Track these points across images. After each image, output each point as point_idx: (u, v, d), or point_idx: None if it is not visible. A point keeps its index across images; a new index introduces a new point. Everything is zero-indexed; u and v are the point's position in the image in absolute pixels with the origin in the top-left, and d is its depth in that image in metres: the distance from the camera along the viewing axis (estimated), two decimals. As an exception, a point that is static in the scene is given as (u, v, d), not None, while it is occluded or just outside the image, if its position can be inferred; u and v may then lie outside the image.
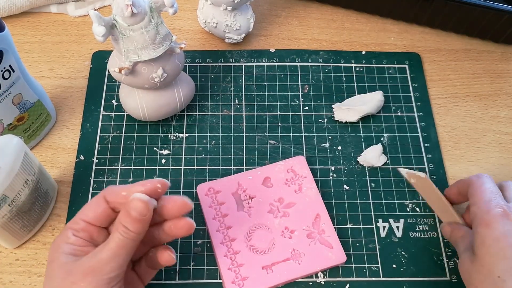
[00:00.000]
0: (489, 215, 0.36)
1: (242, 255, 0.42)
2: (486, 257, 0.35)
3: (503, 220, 0.35)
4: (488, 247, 0.35)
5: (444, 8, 0.54)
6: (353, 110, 0.50)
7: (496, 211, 0.36)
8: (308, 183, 0.46)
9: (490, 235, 0.35)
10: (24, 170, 0.38)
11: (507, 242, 0.34)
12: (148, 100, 0.46)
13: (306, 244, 0.43)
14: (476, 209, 0.38)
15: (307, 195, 0.45)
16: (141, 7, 0.38)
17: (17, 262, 0.42)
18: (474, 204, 0.38)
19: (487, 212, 0.36)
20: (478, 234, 0.36)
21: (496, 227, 0.35)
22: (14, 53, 0.40)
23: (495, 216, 0.36)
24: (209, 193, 0.45)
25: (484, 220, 0.36)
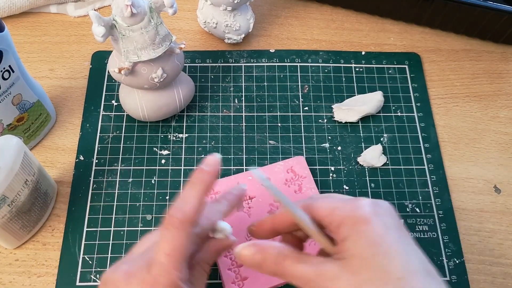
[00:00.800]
0: (362, 211, 0.30)
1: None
2: (379, 257, 0.28)
3: (378, 214, 0.30)
4: (377, 245, 0.29)
5: (444, 8, 0.54)
6: (353, 110, 0.50)
7: (367, 207, 0.30)
8: (308, 183, 0.46)
9: (375, 232, 0.29)
10: (23, 170, 0.38)
11: (393, 236, 0.29)
12: (148, 100, 0.46)
13: (306, 244, 0.43)
14: (341, 212, 0.31)
15: (307, 196, 0.45)
16: (140, 7, 0.38)
17: (17, 262, 0.42)
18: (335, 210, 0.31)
19: (359, 209, 0.30)
20: (358, 234, 0.29)
21: (376, 221, 0.30)
22: (13, 54, 0.40)
23: (370, 212, 0.30)
24: (208, 193, 0.45)
25: (361, 217, 0.30)
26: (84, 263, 0.42)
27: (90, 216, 0.44)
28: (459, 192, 0.47)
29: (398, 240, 0.30)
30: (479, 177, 0.48)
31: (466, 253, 0.44)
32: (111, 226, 0.44)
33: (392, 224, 0.30)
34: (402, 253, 0.29)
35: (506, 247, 0.45)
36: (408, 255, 0.29)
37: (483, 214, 0.46)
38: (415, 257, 0.29)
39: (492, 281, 0.43)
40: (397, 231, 0.30)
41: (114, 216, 0.44)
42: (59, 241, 0.43)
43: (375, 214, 0.30)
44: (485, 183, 0.48)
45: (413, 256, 0.29)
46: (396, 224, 0.31)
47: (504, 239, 0.45)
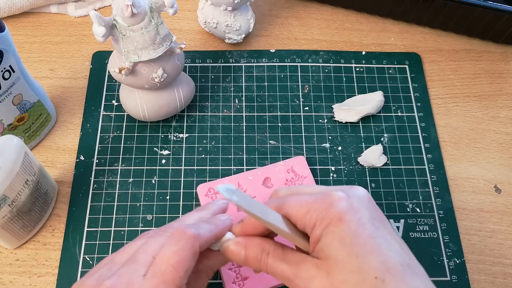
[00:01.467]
0: (335, 210, 0.29)
1: None
2: (352, 258, 0.27)
3: (350, 211, 0.29)
4: (350, 245, 0.28)
5: (444, 8, 0.54)
6: (353, 110, 0.50)
7: (340, 203, 0.29)
8: (309, 183, 0.46)
9: (347, 231, 0.28)
10: (24, 170, 0.38)
11: (366, 234, 0.28)
12: (148, 100, 0.46)
13: None
14: (313, 214, 0.30)
15: None
16: (141, 7, 0.38)
17: (17, 262, 0.42)
18: (307, 212, 0.30)
19: (330, 208, 0.29)
20: (331, 235, 0.29)
21: (349, 219, 0.28)
22: (14, 54, 0.40)
23: (343, 208, 0.29)
24: (209, 193, 0.45)
25: (334, 216, 0.29)
26: (84, 263, 0.42)
27: (90, 216, 0.44)
28: (459, 192, 0.47)
29: (373, 236, 0.28)
30: (480, 177, 0.48)
31: (466, 253, 0.44)
32: (112, 226, 0.44)
33: (367, 218, 0.29)
34: (378, 250, 0.28)
35: (507, 247, 0.45)
36: (384, 252, 0.28)
37: (484, 214, 0.46)
38: (393, 253, 0.28)
39: (493, 281, 0.43)
40: (372, 225, 0.29)
41: (114, 216, 0.44)
42: (59, 241, 0.43)
43: (348, 210, 0.29)
44: (485, 183, 0.48)
45: (390, 251, 0.28)
46: (371, 216, 0.29)
47: (505, 239, 0.45)
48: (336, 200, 0.29)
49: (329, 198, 0.30)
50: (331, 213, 0.29)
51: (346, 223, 0.29)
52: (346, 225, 0.28)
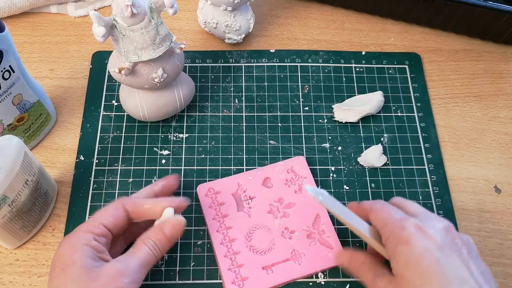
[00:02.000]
0: (405, 232, 0.33)
1: (242, 255, 0.42)
2: (415, 277, 0.32)
3: (420, 235, 0.33)
4: (414, 265, 0.32)
5: (444, 8, 0.54)
6: (353, 111, 0.50)
7: (410, 228, 0.34)
8: (308, 183, 0.46)
9: (413, 253, 0.33)
10: (24, 170, 0.38)
11: (432, 258, 0.32)
12: (148, 100, 0.46)
13: (306, 244, 0.43)
14: (389, 229, 0.35)
15: (307, 196, 0.45)
16: (141, 7, 0.38)
17: (17, 262, 0.42)
18: (385, 225, 0.35)
19: (403, 229, 0.34)
20: (399, 254, 0.33)
21: (416, 243, 0.33)
22: (14, 54, 0.40)
23: (412, 232, 0.33)
24: (209, 193, 0.45)
25: (402, 238, 0.33)
26: (84, 263, 0.42)
27: (90, 216, 0.44)
28: (459, 192, 0.47)
29: (437, 261, 0.32)
30: (480, 177, 0.48)
31: (466, 253, 0.44)
32: (112, 226, 0.44)
33: (436, 245, 0.33)
34: (441, 274, 0.31)
35: (506, 247, 0.45)
36: (447, 276, 0.31)
37: (484, 214, 0.46)
38: (454, 279, 0.31)
39: (493, 281, 0.43)
40: (441, 252, 0.32)
41: (114, 216, 0.44)
42: (59, 241, 0.43)
43: (417, 235, 0.33)
44: (485, 183, 0.48)
45: (451, 277, 0.31)
46: (438, 245, 0.33)
47: (504, 239, 0.45)
48: (408, 225, 0.34)
49: (405, 222, 0.34)
50: (402, 235, 0.34)
51: (413, 246, 0.33)
52: (413, 247, 0.33)
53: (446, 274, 0.31)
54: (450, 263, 0.32)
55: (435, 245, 0.33)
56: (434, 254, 0.32)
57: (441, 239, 0.33)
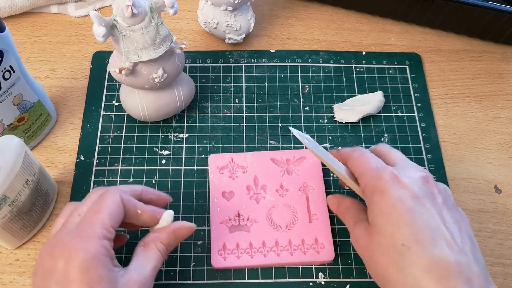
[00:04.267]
0: (381, 182, 0.34)
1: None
2: (387, 226, 0.33)
3: (395, 185, 0.34)
4: (387, 215, 0.33)
5: (444, 9, 0.54)
6: (353, 111, 0.50)
7: (386, 177, 0.34)
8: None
9: (386, 202, 0.33)
10: (24, 170, 0.38)
11: (404, 207, 0.32)
12: (149, 100, 0.46)
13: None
14: (366, 178, 0.35)
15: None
16: (141, 7, 0.38)
17: (18, 262, 0.42)
18: (363, 174, 0.36)
19: (379, 179, 0.34)
20: (374, 203, 0.34)
21: (391, 193, 0.33)
22: (14, 54, 0.40)
23: (387, 182, 0.34)
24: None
25: (378, 187, 0.34)
26: (84, 263, 0.42)
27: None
28: (459, 192, 0.47)
29: (412, 211, 0.32)
30: (480, 178, 0.48)
31: (466, 253, 0.44)
32: (112, 226, 0.44)
33: (411, 194, 0.33)
34: (413, 223, 0.32)
35: (507, 247, 0.45)
36: (419, 226, 0.32)
37: (484, 214, 0.46)
38: (428, 228, 0.32)
39: (492, 281, 0.43)
40: (415, 202, 0.33)
41: (114, 216, 0.44)
42: (59, 241, 0.43)
43: (392, 185, 0.34)
44: (485, 184, 0.48)
45: (426, 227, 0.32)
46: (413, 194, 0.33)
47: (505, 239, 0.45)
48: (385, 175, 0.34)
49: (382, 171, 0.35)
50: (378, 185, 0.34)
51: (387, 195, 0.33)
52: (387, 197, 0.33)
53: (418, 223, 0.32)
54: (422, 212, 0.32)
55: (409, 195, 0.33)
56: (408, 204, 0.33)
57: (417, 188, 0.34)
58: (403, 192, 0.33)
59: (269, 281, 0.42)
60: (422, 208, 0.33)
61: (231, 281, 0.42)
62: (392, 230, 0.32)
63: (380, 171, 0.35)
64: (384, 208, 0.33)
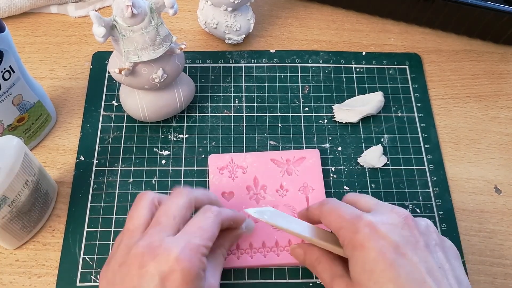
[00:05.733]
0: (359, 235, 0.32)
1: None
2: (371, 284, 0.31)
3: (374, 237, 0.32)
4: (369, 272, 0.31)
5: (444, 9, 0.54)
6: (353, 111, 0.50)
7: (364, 229, 0.33)
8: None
9: (367, 258, 0.32)
10: (24, 170, 0.38)
11: (386, 262, 0.31)
12: (148, 100, 0.46)
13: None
14: (343, 233, 0.34)
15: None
16: (141, 8, 0.38)
17: (17, 262, 0.42)
18: (339, 229, 0.34)
19: (356, 232, 0.33)
20: (355, 259, 0.33)
21: (370, 246, 0.32)
22: (14, 54, 0.40)
23: (365, 234, 0.32)
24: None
25: (357, 241, 0.32)
26: (84, 264, 0.42)
27: (90, 216, 0.44)
28: (459, 193, 0.47)
29: (394, 264, 0.31)
30: (480, 178, 0.48)
31: (466, 253, 0.44)
32: (112, 226, 0.44)
33: (392, 245, 0.32)
34: (396, 279, 0.30)
35: (507, 248, 0.45)
36: (401, 280, 0.30)
37: (484, 215, 0.46)
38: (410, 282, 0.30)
39: (493, 282, 0.43)
40: (396, 253, 0.31)
41: (114, 217, 0.44)
42: (59, 241, 0.43)
43: (371, 237, 0.32)
44: (485, 184, 0.48)
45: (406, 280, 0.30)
46: (399, 243, 0.32)
47: (505, 239, 0.45)
48: (362, 226, 0.33)
49: (358, 223, 0.33)
50: (357, 238, 0.32)
51: (367, 250, 0.32)
52: (367, 252, 0.32)
53: (402, 277, 0.30)
54: (405, 265, 0.31)
55: (390, 246, 0.32)
56: (389, 257, 0.31)
57: (396, 236, 0.32)
58: (383, 244, 0.32)
59: (269, 281, 0.42)
60: (403, 260, 0.31)
61: (231, 281, 0.42)
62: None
63: (356, 223, 0.33)
64: (366, 264, 0.32)
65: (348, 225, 0.33)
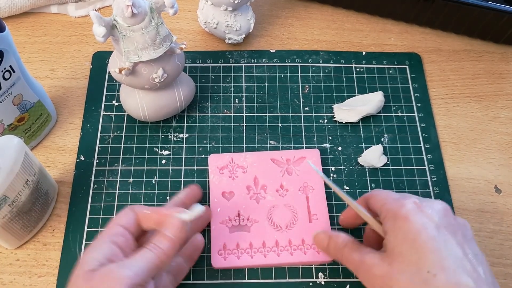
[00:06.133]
0: (404, 209, 0.34)
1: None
2: (412, 252, 0.32)
3: (418, 213, 0.34)
4: (412, 241, 0.33)
5: (444, 9, 0.54)
6: (353, 111, 0.50)
7: (409, 205, 0.34)
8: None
9: (410, 229, 0.33)
10: (24, 170, 0.38)
11: (428, 235, 0.32)
12: (149, 100, 0.46)
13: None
14: (387, 206, 0.36)
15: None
16: (141, 7, 0.38)
17: (18, 262, 0.42)
18: (384, 204, 0.36)
19: (402, 207, 0.34)
20: (396, 230, 0.34)
21: (414, 220, 0.33)
22: (14, 54, 0.40)
23: (410, 209, 0.34)
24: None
25: (401, 214, 0.34)
26: (84, 263, 0.42)
27: (90, 216, 0.44)
28: (459, 193, 0.47)
29: (435, 239, 0.32)
30: (480, 178, 0.48)
31: (466, 253, 0.44)
32: (112, 226, 0.44)
33: (433, 223, 0.33)
34: (437, 251, 0.32)
35: (507, 248, 0.45)
36: (443, 253, 0.32)
37: (484, 215, 0.46)
38: (452, 257, 0.32)
39: (493, 282, 0.43)
40: (437, 230, 0.33)
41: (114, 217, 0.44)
42: (59, 241, 0.43)
43: (416, 212, 0.34)
44: (485, 184, 0.48)
45: (449, 255, 0.32)
46: (440, 223, 0.33)
47: (505, 239, 0.45)
48: (408, 203, 0.35)
49: (404, 200, 0.35)
50: (401, 212, 0.34)
51: (411, 222, 0.33)
52: (411, 224, 0.33)
53: (442, 251, 0.32)
54: (446, 241, 0.32)
55: (432, 224, 0.33)
56: (431, 232, 0.33)
57: (438, 218, 0.34)
58: (426, 221, 0.33)
59: (269, 281, 0.42)
60: (445, 237, 0.33)
61: (231, 281, 0.42)
62: (417, 257, 0.32)
63: (402, 200, 0.35)
64: (409, 234, 0.33)
65: (393, 201, 0.35)
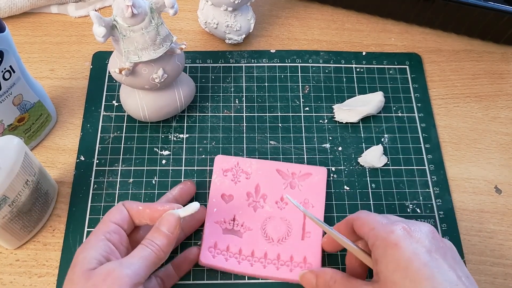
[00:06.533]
0: (394, 236, 0.33)
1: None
2: (406, 282, 0.31)
3: (408, 239, 0.33)
4: (404, 269, 0.32)
5: (444, 9, 0.54)
6: (353, 111, 0.50)
7: (399, 231, 0.33)
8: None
9: (402, 256, 0.32)
10: (24, 170, 0.38)
11: (421, 261, 0.32)
12: (149, 100, 0.46)
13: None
14: (376, 232, 0.34)
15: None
16: (141, 7, 0.38)
17: (18, 262, 0.42)
18: (372, 229, 0.35)
19: (391, 233, 0.33)
20: (387, 258, 0.33)
21: (405, 246, 0.32)
22: (14, 54, 0.40)
23: (400, 235, 0.33)
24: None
25: (391, 241, 0.33)
26: (84, 264, 0.42)
27: (90, 216, 0.44)
28: (459, 193, 0.47)
29: (428, 265, 0.31)
30: (480, 178, 0.48)
31: (466, 253, 0.44)
32: (112, 226, 0.44)
33: (424, 248, 0.32)
34: (432, 277, 0.31)
35: (507, 248, 0.45)
36: (438, 280, 0.31)
37: (484, 215, 0.46)
38: (444, 282, 0.31)
39: (493, 282, 0.43)
40: (429, 255, 0.32)
41: (114, 217, 0.44)
42: (59, 241, 0.43)
43: (405, 239, 0.33)
44: (486, 184, 0.48)
45: (441, 280, 0.31)
46: (430, 247, 0.33)
47: (505, 239, 0.45)
48: (396, 229, 0.34)
49: (393, 225, 0.34)
50: (390, 238, 0.33)
51: (402, 249, 0.32)
52: (402, 251, 0.32)
53: (436, 277, 0.31)
54: (438, 266, 0.32)
55: (423, 248, 0.32)
56: (423, 258, 0.32)
57: (428, 242, 0.33)
58: (416, 246, 0.32)
59: (269, 281, 0.42)
60: (437, 262, 0.32)
61: (231, 281, 0.42)
62: (412, 286, 0.31)
63: (390, 226, 0.34)
64: (401, 262, 0.32)
65: (382, 227, 0.34)
